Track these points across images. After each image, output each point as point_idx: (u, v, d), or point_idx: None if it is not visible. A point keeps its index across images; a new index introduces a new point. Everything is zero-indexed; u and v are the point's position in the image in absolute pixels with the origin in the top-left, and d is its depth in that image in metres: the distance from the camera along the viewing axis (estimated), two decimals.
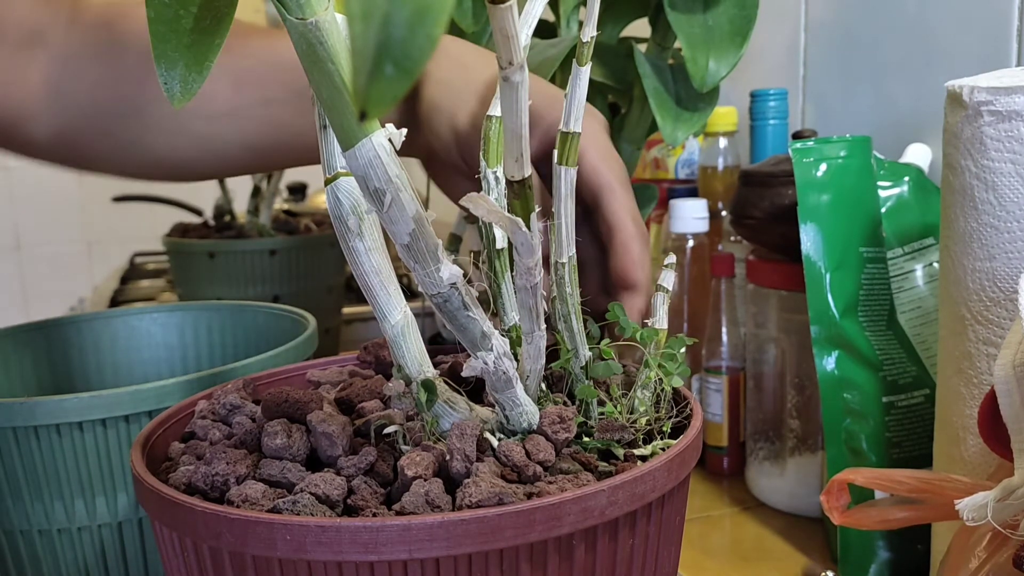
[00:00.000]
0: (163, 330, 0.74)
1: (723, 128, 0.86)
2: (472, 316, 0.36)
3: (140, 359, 0.73)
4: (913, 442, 0.62)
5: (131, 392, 0.52)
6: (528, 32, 0.39)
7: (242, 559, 0.33)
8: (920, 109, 0.79)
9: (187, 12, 0.36)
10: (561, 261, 0.39)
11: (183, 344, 0.73)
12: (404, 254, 0.34)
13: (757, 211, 0.69)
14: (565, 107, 0.37)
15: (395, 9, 0.20)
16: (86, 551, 0.53)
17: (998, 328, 0.46)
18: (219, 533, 0.33)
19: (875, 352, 0.62)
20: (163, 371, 0.73)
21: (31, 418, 0.51)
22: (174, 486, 0.37)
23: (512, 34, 0.30)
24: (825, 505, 0.46)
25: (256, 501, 0.35)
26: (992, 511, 0.36)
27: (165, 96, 0.34)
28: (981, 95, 0.45)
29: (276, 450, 0.38)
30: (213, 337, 0.74)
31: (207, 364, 0.73)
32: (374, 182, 0.32)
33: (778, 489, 0.73)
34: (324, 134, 0.36)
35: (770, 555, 0.66)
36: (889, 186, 0.65)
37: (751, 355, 0.76)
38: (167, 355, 0.73)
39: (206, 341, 0.74)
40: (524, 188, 0.34)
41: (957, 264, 0.48)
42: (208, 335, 0.74)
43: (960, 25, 0.74)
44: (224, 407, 0.44)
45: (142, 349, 0.73)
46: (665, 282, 0.44)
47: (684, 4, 0.63)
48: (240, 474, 0.37)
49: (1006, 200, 0.45)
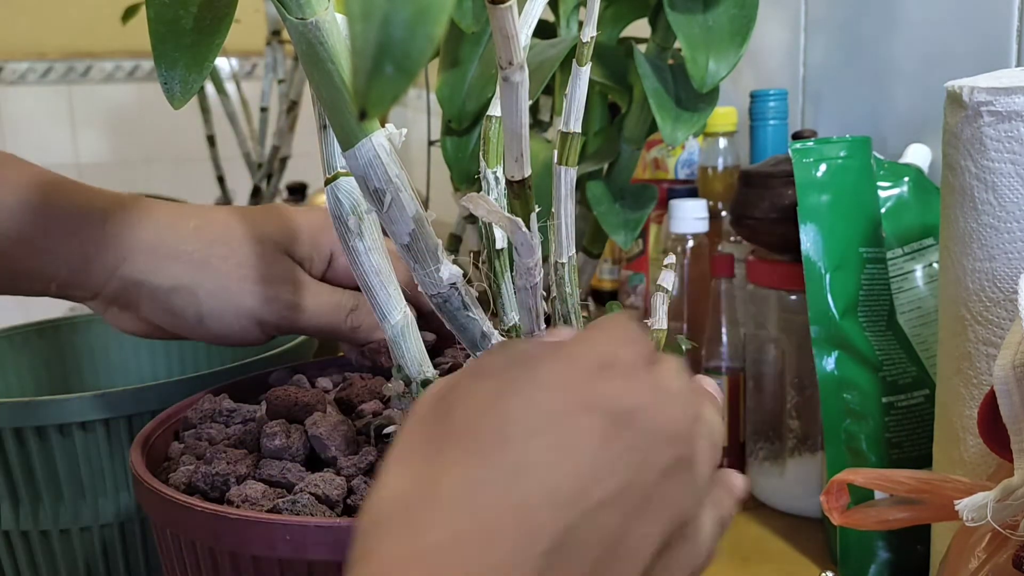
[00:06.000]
0: None
1: (723, 128, 0.86)
2: (472, 316, 0.36)
3: (139, 360, 0.73)
4: (913, 442, 0.62)
5: (133, 392, 0.52)
6: (528, 32, 0.39)
7: (242, 559, 0.33)
8: (920, 109, 0.79)
9: (187, 12, 0.36)
10: (561, 261, 0.39)
11: (183, 344, 0.73)
12: (404, 254, 0.34)
13: (757, 211, 0.69)
14: (565, 107, 0.37)
15: (395, 9, 0.20)
16: (87, 552, 0.53)
17: (998, 329, 0.46)
18: (219, 533, 0.33)
19: (875, 352, 0.62)
20: (160, 372, 0.73)
21: (34, 418, 0.50)
22: (174, 486, 0.37)
23: (512, 34, 0.30)
24: (825, 505, 0.46)
25: (256, 501, 0.35)
26: (992, 511, 0.36)
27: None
28: (981, 95, 0.45)
29: (275, 450, 0.38)
30: None
31: (206, 365, 0.73)
32: (374, 182, 0.32)
33: (778, 489, 0.73)
34: (324, 134, 0.36)
35: (770, 555, 0.66)
36: (889, 186, 0.65)
37: (751, 355, 0.76)
38: (166, 356, 0.73)
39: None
40: (524, 188, 0.34)
41: (957, 264, 0.48)
42: None
43: (960, 25, 0.74)
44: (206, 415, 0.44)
45: (141, 350, 0.73)
46: (664, 282, 0.44)
47: (684, 4, 0.62)
48: (240, 474, 0.37)
49: (1006, 200, 0.45)
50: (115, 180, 0.64)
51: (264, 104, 1.24)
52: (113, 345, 0.72)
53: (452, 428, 0.28)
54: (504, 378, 0.29)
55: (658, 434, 0.29)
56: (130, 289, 0.50)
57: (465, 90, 0.68)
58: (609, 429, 0.28)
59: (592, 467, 0.27)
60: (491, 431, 0.27)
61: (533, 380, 0.28)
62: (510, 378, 0.29)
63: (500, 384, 0.28)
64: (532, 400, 0.28)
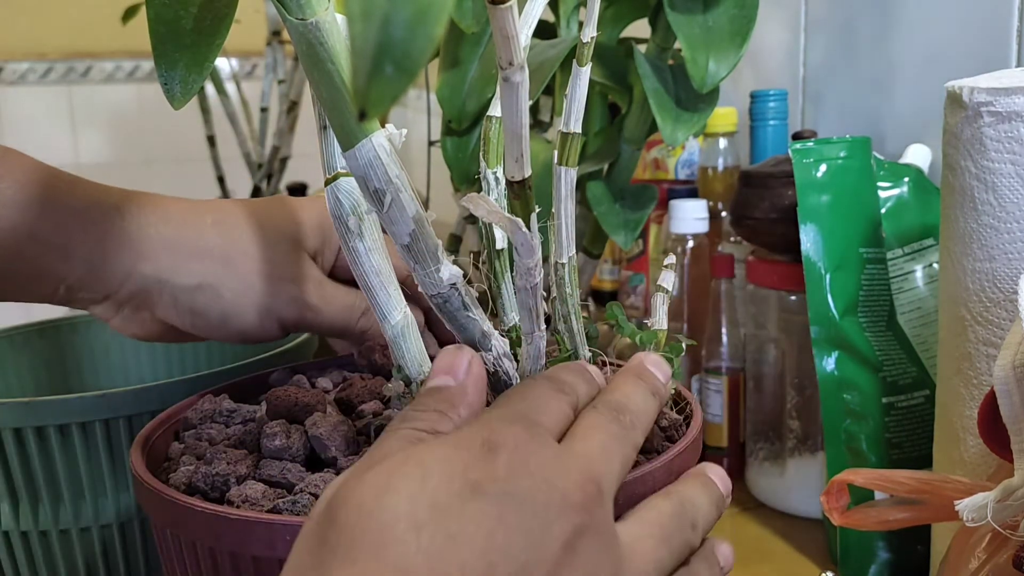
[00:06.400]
0: None
1: (723, 129, 0.86)
2: (472, 316, 0.36)
3: (139, 360, 0.73)
4: (913, 443, 0.62)
5: (135, 392, 0.52)
6: (528, 32, 0.39)
7: (242, 559, 0.33)
8: (920, 109, 0.79)
9: (187, 12, 0.36)
10: (561, 261, 0.39)
11: (183, 345, 0.73)
12: (404, 254, 0.34)
13: (757, 212, 0.69)
14: (565, 107, 0.37)
15: (395, 9, 0.20)
16: (87, 552, 0.53)
17: (998, 329, 0.46)
18: (219, 533, 0.33)
19: (875, 353, 0.62)
20: (161, 372, 0.73)
21: (34, 418, 0.50)
22: (174, 486, 0.37)
23: (512, 34, 0.30)
24: (825, 506, 0.46)
25: (256, 501, 0.35)
26: (992, 512, 0.36)
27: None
28: (981, 96, 0.45)
29: (275, 451, 0.38)
30: None
31: (206, 365, 0.73)
32: (374, 182, 0.32)
33: (778, 490, 0.73)
34: (324, 134, 0.36)
35: (770, 556, 0.66)
36: (889, 186, 0.65)
37: (751, 356, 0.76)
38: (166, 356, 0.73)
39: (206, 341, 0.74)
40: (524, 188, 0.34)
41: (957, 265, 0.48)
42: None
43: (960, 25, 0.74)
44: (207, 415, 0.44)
45: (141, 350, 0.73)
46: (664, 283, 0.44)
47: (684, 4, 0.63)
48: (240, 474, 0.37)
49: (1006, 201, 0.45)
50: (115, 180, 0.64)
51: (264, 104, 1.24)
52: (113, 345, 0.72)
53: (335, 537, 0.26)
54: (392, 464, 0.27)
55: (551, 508, 0.28)
56: (151, 288, 0.48)
57: (465, 90, 0.68)
58: (498, 512, 0.27)
59: (484, 555, 0.26)
60: (373, 533, 0.26)
61: (419, 467, 0.27)
62: (397, 464, 0.27)
63: (387, 474, 0.27)
64: (417, 491, 0.27)
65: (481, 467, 0.27)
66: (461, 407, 0.32)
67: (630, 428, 0.33)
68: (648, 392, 0.35)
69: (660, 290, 0.44)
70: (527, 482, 0.28)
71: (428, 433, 0.30)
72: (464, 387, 0.33)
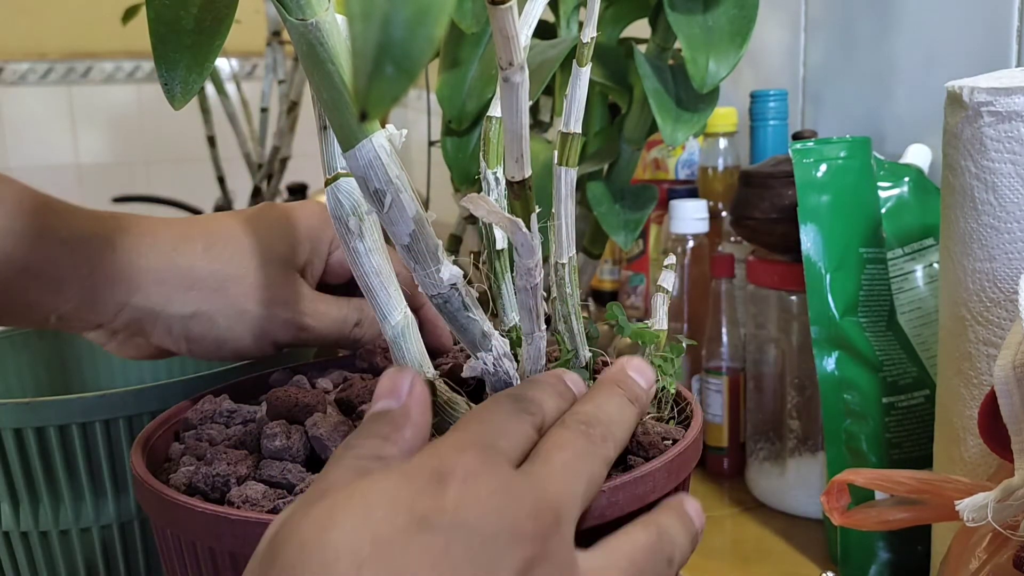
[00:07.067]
0: None
1: (723, 129, 0.86)
2: (472, 317, 0.36)
3: (139, 360, 0.73)
4: (913, 443, 0.62)
5: (135, 392, 0.52)
6: (528, 32, 0.39)
7: (242, 560, 0.33)
8: (920, 109, 0.79)
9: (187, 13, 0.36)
10: (561, 262, 0.39)
11: None
12: (404, 255, 0.34)
13: (757, 212, 0.69)
14: (565, 107, 0.37)
15: (395, 10, 0.20)
16: (87, 552, 0.53)
17: (998, 329, 0.46)
18: (220, 534, 0.33)
19: (875, 353, 0.62)
20: (161, 372, 0.73)
21: (34, 418, 0.50)
22: (174, 487, 0.37)
23: (512, 34, 0.30)
24: (825, 506, 0.46)
25: (257, 502, 0.35)
26: (992, 512, 0.36)
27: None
28: (981, 96, 0.45)
29: (276, 451, 0.38)
30: None
31: (206, 365, 0.73)
32: (374, 183, 0.32)
33: (778, 490, 0.73)
34: (324, 135, 0.36)
35: (770, 556, 0.66)
36: (889, 186, 0.65)
37: (751, 356, 0.76)
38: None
39: None
40: (524, 189, 0.34)
41: (957, 265, 0.48)
42: None
43: (960, 25, 0.74)
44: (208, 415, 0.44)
45: None
46: (665, 283, 0.44)
47: (684, 5, 0.63)
48: (241, 475, 0.37)
49: (1006, 201, 0.45)
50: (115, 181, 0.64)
51: (264, 105, 1.24)
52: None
53: (277, 574, 0.26)
54: (335, 499, 0.27)
55: (500, 538, 0.26)
56: (144, 318, 0.48)
57: (465, 90, 0.68)
58: (444, 545, 0.26)
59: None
60: (314, 570, 0.25)
61: (363, 501, 0.26)
62: (342, 499, 0.26)
63: (329, 509, 0.26)
64: (360, 526, 0.26)
65: (428, 499, 0.26)
66: (405, 429, 0.31)
67: (600, 442, 0.32)
68: (625, 401, 0.34)
69: (660, 290, 0.44)
70: (476, 512, 0.27)
71: (373, 459, 0.29)
72: (407, 409, 0.31)
